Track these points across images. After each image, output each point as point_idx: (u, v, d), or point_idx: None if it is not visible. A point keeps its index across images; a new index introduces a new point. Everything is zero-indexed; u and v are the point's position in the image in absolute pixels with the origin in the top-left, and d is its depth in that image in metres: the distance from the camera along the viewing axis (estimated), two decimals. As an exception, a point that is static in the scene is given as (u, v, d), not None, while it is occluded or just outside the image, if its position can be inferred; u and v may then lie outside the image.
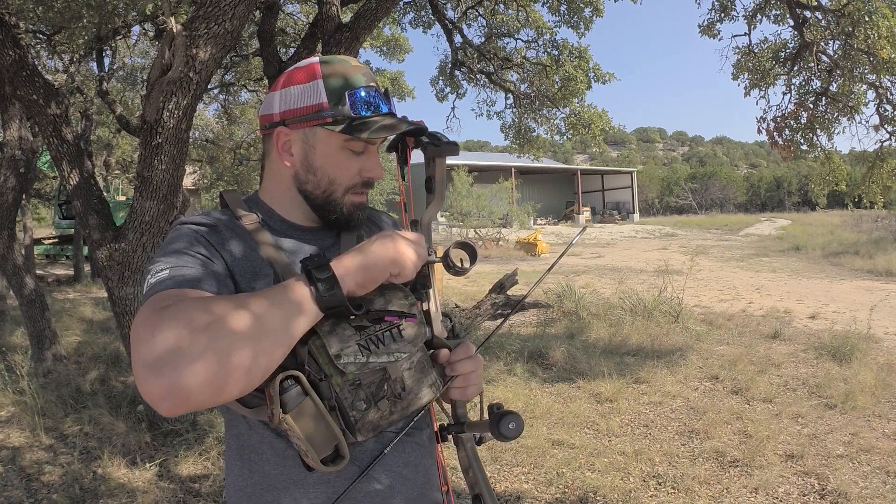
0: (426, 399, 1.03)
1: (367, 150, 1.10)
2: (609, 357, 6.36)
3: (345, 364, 0.94)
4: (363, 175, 1.10)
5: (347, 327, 0.95)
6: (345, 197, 1.10)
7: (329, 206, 1.11)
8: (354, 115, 1.04)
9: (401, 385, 1.00)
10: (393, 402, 0.99)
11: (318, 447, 0.93)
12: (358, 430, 0.97)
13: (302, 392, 0.92)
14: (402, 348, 0.99)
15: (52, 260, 17.40)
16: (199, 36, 3.38)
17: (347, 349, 0.94)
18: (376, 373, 0.98)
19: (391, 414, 0.99)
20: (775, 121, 7.76)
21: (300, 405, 0.91)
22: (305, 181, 1.10)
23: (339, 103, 1.05)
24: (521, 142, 10.39)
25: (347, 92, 1.05)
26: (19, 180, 5.76)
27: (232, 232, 1.06)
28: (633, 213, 44.15)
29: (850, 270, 15.13)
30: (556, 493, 3.54)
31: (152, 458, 3.85)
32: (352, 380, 0.96)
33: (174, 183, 3.83)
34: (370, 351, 0.96)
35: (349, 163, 1.09)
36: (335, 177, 1.09)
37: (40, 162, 12.42)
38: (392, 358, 0.98)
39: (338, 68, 1.07)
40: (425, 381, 1.04)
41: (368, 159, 1.10)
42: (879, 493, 3.51)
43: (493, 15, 9.52)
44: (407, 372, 1.01)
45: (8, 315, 8.43)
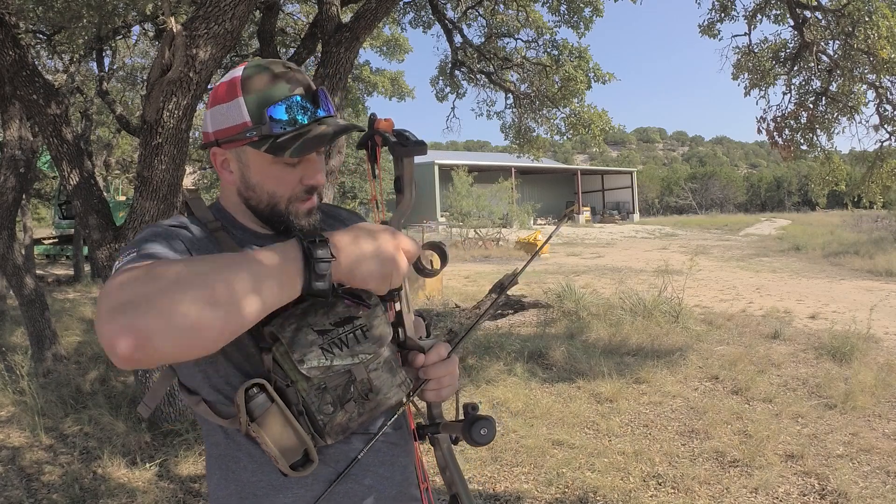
0: (395, 399, 1.03)
1: (305, 158, 1.05)
2: (609, 357, 6.35)
3: (308, 369, 0.93)
4: (304, 183, 1.07)
5: (310, 332, 0.95)
6: (289, 207, 1.08)
7: (276, 218, 1.09)
8: (277, 133, 1.00)
9: (367, 386, 1.00)
10: (360, 404, 0.99)
11: (287, 453, 0.93)
12: (326, 433, 0.97)
13: (268, 399, 0.92)
14: (367, 349, 0.99)
15: (52, 260, 17.40)
16: (199, 36, 3.38)
17: (310, 354, 0.94)
18: (341, 375, 0.98)
19: (359, 416, 1.00)
20: (775, 121, 7.76)
21: (267, 412, 0.91)
22: (248, 197, 1.09)
23: (260, 121, 1.01)
24: (521, 142, 10.39)
25: (266, 109, 1.01)
26: (19, 180, 5.76)
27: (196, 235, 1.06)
28: (633, 213, 44.16)
29: (850, 270, 15.13)
30: (556, 493, 3.54)
31: (152, 458, 3.85)
32: (317, 384, 0.96)
33: (174, 183, 3.83)
34: (333, 354, 0.95)
35: (286, 175, 1.06)
36: (274, 191, 1.07)
37: (40, 162, 12.42)
38: (356, 360, 0.98)
39: (257, 82, 1.02)
40: (393, 381, 1.04)
41: (308, 167, 1.07)
42: (879, 493, 3.51)
43: (493, 15, 9.52)
44: (374, 373, 1.01)
45: (8, 315, 8.43)
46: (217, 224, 1.08)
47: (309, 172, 1.07)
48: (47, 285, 11.98)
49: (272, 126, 1.00)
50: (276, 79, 1.02)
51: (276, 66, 1.04)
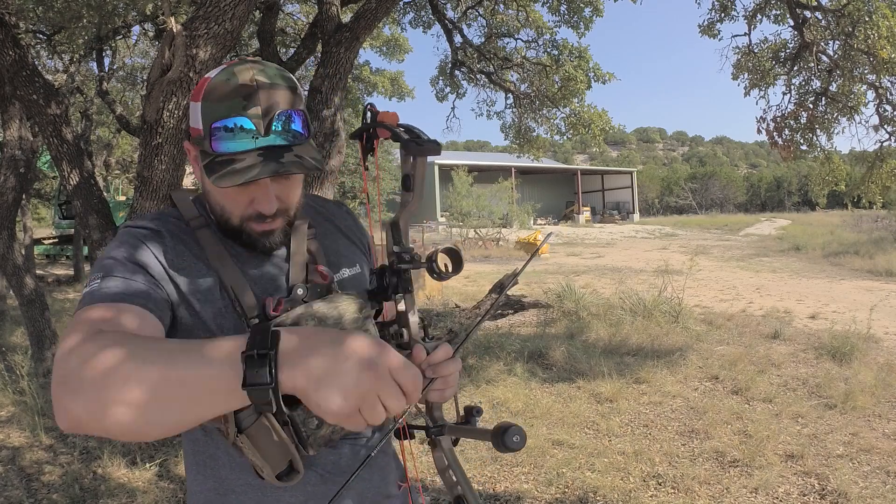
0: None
1: (254, 182, 0.94)
2: (609, 357, 6.35)
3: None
4: (254, 208, 0.99)
5: None
6: (243, 225, 1.01)
7: (231, 232, 1.02)
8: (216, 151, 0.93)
9: None
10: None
11: (273, 463, 0.92)
12: (310, 444, 0.96)
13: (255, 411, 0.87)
14: None
15: (52, 260, 17.40)
16: (199, 36, 3.38)
17: None
18: None
19: (342, 429, 0.98)
20: (775, 121, 7.76)
21: (255, 423, 0.89)
22: (206, 201, 1.05)
23: (206, 135, 0.94)
24: (521, 142, 10.39)
25: (212, 123, 0.93)
26: (19, 180, 5.76)
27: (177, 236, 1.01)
28: (633, 213, 44.15)
29: (850, 270, 15.13)
30: (556, 493, 3.54)
31: (152, 458, 3.85)
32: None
33: (174, 183, 3.83)
34: None
35: (235, 194, 0.98)
36: (224, 205, 1.01)
37: (40, 162, 12.42)
38: None
39: (217, 90, 0.93)
40: None
41: (259, 191, 0.97)
42: (879, 493, 3.51)
43: (493, 15, 9.52)
44: None
45: (8, 315, 8.43)
46: (200, 221, 1.04)
47: (259, 197, 0.98)
48: (47, 285, 11.98)
49: (213, 142, 0.93)
50: (233, 92, 0.92)
51: (244, 75, 0.93)
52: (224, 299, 1.00)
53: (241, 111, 0.91)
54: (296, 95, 0.96)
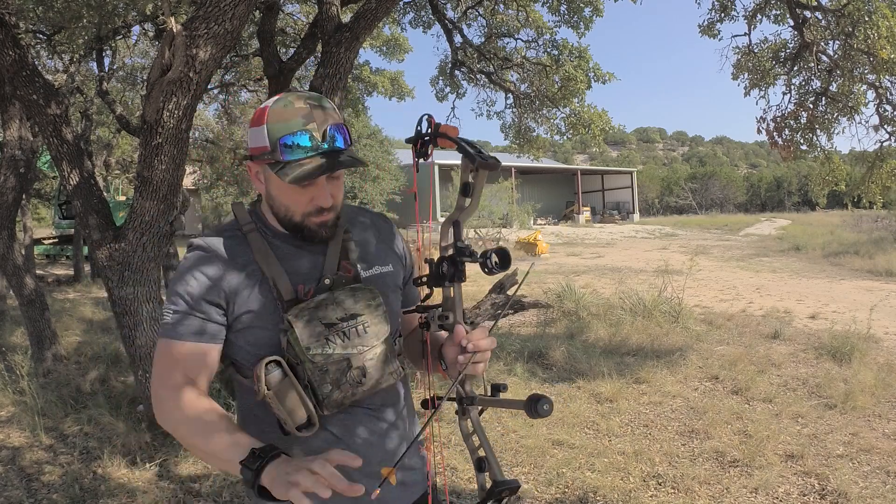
0: (386, 384, 1.25)
1: (316, 182, 1.21)
2: (609, 357, 6.36)
3: (313, 355, 1.17)
4: (314, 204, 1.24)
5: (318, 324, 1.18)
6: (304, 220, 1.25)
7: (292, 227, 1.27)
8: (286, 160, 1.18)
9: (362, 372, 1.21)
10: (354, 386, 1.21)
11: (294, 417, 1.16)
12: (325, 406, 1.19)
13: (283, 373, 1.16)
14: (365, 342, 1.21)
15: (52, 260, 17.40)
16: (199, 36, 3.38)
17: (316, 344, 1.17)
18: (340, 362, 1.19)
19: (353, 395, 1.21)
20: (775, 121, 7.76)
21: (280, 383, 1.15)
22: (271, 205, 1.29)
23: (275, 149, 1.19)
24: (521, 142, 10.38)
25: (279, 138, 1.18)
26: (19, 180, 5.76)
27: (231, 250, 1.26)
28: (633, 213, 44.14)
29: (850, 270, 15.12)
30: (556, 493, 3.54)
31: (152, 458, 3.85)
32: (320, 366, 1.18)
33: (174, 183, 3.83)
34: (336, 344, 1.18)
35: (298, 196, 1.23)
36: (288, 206, 1.25)
37: (40, 162, 12.41)
38: (355, 350, 1.20)
39: (278, 114, 1.19)
40: (386, 369, 1.25)
41: (318, 190, 1.23)
42: (879, 493, 3.51)
43: (493, 15, 9.51)
44: (369, 362, 1.22)
45: (8, 315, 8.43)
46: (251, 226, 1.29)
47: (318, 195, 1.23)
48: (47, 285, 11.98)
49: (282, 153, 1.18)
50: (294, 114, 1.19)
51: (300, 102, 1.20)
52: (265, 287, 1.24)
53: (302, 127, 1.18)
54: (337, 114, 1.23)
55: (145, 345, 4.11)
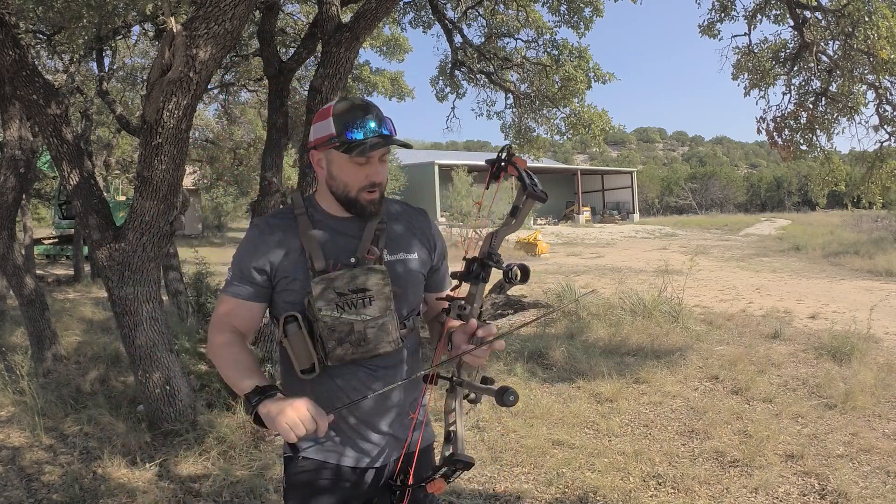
0: (383, 350, 1.52)
1: (370, 161, 1.54)
2: (609, 357, 6.36)
3: (323, 315, 1.48)
4: (369, 179, 1.55)
5: (332, 293, 1.48)
6: (359, 195, 1.56)
7: (348, 202, 1.57)
8: (350, 140, 1.50)
9: (362, 336, 1.50)
10: (354, 347, 1.50)
11: (301, 362, 1.50)
12: (330, 358, 1.50)
13: (298, 326, 1.49)
14: (368, 313, 1.50)
15: (52, 260, 17.39)
16: (199, 36, 3.38)
17: (327, 307, 1.48)
18: (345, 325, 1.49)
19: (353, 354, 1.50)
20: (775, 121, 7.76)
21: (294, 334, 1.50)
22: (331, 185, 1.59)
23: (340, 133, 1.52)
24: (521, 142, 10.37)
25: (346, 124, 1.51)
26: (19, 180, 5.76)
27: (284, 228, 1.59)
28: (633, 213, 44.13)
29: (850, 270, 15.13)
30: (556, 493, 3.54)
31: (152, 458, 3.85)
32: (329, 326, 1.48)
33: (174, 183, 3.83)
34: (343, 310, 1.48)
35: (357, 172, 1.54)
36: (348, 181, 1.55)
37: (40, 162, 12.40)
38: (359, 317, 1.49)
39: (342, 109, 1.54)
40: (385, 337, 1.52)
41: (371, 167, 1.55)
42: (879, 493, 3.51)
43: (493, 15, 9.51)
44: (370, 329, 1.50)
45: (8, 315, 8.43)
46: (302, 210, 1.60)
47: (372, 171, 1.55)
48: (47, 285, 11.98)
49: (348, 135, 1.51)
50: (354, 108, 1.54)
51: (358, 101, 1.57)
52: (302, 259, 1.55)
53: (364, 117, 1.52)
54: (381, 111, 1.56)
55: (145, 345, 4.12)
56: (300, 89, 11.35)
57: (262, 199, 7.02)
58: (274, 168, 6.98)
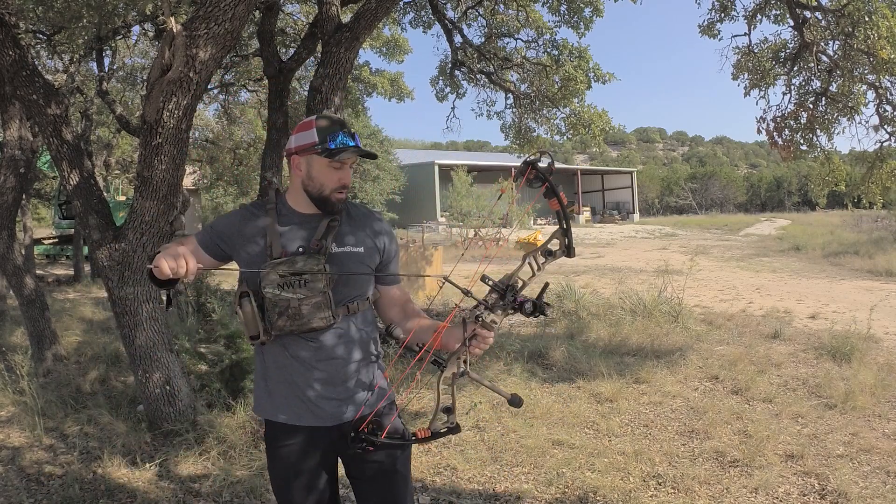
0: (316, 325, 1.78)
1: (343, 168, 1.85)
2: (609, 357, 6.36)
3: (266, 293, 1.77)
4: (341, 182, 1.85)
5: (275, 274, 1.76)
6: (332, 194, 1.85)
7: (321, 200, 1.86)
8: (332, 148, 1.81)
9: (297, 312, 1.76)
10: (291, 320, 1.77)
11: (250, 329, 1.79)
12: (273, 328, 1.79)
13: (249, 302, 1.77)
14: (302, 293, 1.76)
15: (52, 260, 17.39)
16: (199, 36, 3.38)
17: (271, 286, 1.76)
18: (284, 301, 1.76)
19: (290, 326, 1.77)
20: (775, 121, 7.75)
21: (245, 307, 1.78)
22: (307, 185, 1.87)
23: (322, 142, 1.82)
24: (521, 142, 10.37)
25: (327, 135, 1.82)
26: (19, 180, 5.76)
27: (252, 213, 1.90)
28: (633, 213, 44.13)
29: (850, 270, 15.13)
30: (556, 493, 3.54)
31: (152, 458, 3.85)
32: (272, 301, 1.77)
33: (174, 183, 3.83)
34: (283, 289, 1.76)
35: (331, 175, 1.85)
36: (324, 182, 1.85)
37: (40, 162, 12.40)
38: (294, 296, 1.76)
39: (325, 123, 1.85)
40: (318, 314, 1.78)
41: (343, 172, 1.86)
42: (879, 493, 3.51)
43: (493, 15, 9.51)
44: (304, 306, 1.77)
45: (8, 315, 8.43)
46: (272, 205, 1.89)
47: (344, 175, 1.86)
48: (47, 285, 11.98)
49: (329, 143, 1.81)
50: (335, 123, 1.85)
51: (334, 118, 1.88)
52: (262, 246, 1.83)
53: (340, 130, 1.84)
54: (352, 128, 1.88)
55: (145, 344, 4.12)
56: (300, 89, 11.35)
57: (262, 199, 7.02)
58: (274, 168, 6.98)
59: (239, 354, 4.49)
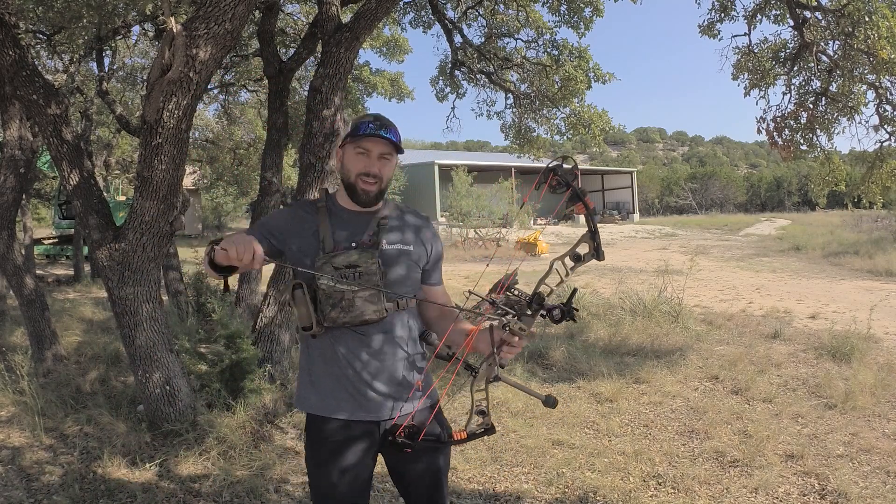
0: (368, 317, 1.83)
1: (370, 155, 1.91)
2: (609, 357, 6.36)
3: (321, 284, 1.82)
4: (365, 168, 1.91)
5: (330, 267, 1.82)
6: (357, 180, 1.92)
7: (350, 187, 1.94)
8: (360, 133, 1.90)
9: (350, 304, 1.81)
10: (344, 312, 1.81)
11: (302, 320, 1.83)
12: (325, 318, 1.83)
13: (302, 293, 1.82)
14: (355, 286, 1.81)
15: (52, 260, 17.38)
16: (199, 36, 3.38)
17: (324, 278, 1.81)
18: (338, 293, 1.81)
19: (343, 318, 1.82)
20: (775, 121, 7.76)
21: (299, 298, 1.83)
22: (342, 175, 1.97)
23: (353, 131, 1.93)
24: (521, 142, 10.38)
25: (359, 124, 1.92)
26: (19, 180, 5.76)
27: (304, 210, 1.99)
28: (633, 213, 44.12)
29: (850, 270, 15.12)
30: (556, 493, 3.54)
31: (152, 458, 3.85)
32: (326, 293, 1.82)
33: (174, 183, 3.83)
34: (337, 282, 1.80)
35: (357, 160, 1.92)
36: (350, 168, 1.93)
37: (40, 162, 12.40)
38: (348, 288, 1.81)
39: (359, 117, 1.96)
40: (371, 307, 1.82)
41: (369, 160, 1.92)
42: (879, 493, 3.51)
43: (493, 15, 9.51)
44: (357, 298, 1.81)
45: (8, 315, 8.43)
46: (323, 203, 1.98)
47: (370, 163, 1.92)
48: (47, 285, 11.98)
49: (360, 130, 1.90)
50: (366, 116, 1.94)
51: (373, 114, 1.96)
52: (316, 242, 1.90)
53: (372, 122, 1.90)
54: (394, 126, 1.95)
55: (145, 345, 4.11)
56: (300, 89, 11.35)
57: (262, 199, 7.02)
58: (274, 168, 6.98)
59: (239, 354, 4.49)
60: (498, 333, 1.79)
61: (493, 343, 1.80)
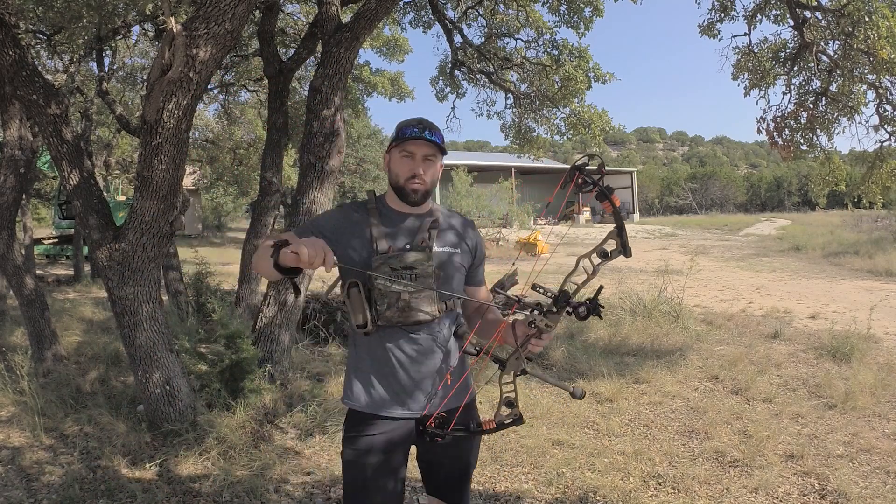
0: (422, 318, 1.88)
1: (415, 158, 1.95)
2: (609, 357, 6.36)
3: (377, 283, 1.85)
4: (411, 171, 1.94)
5: (387, 268, 1.85)
6: (406, 183, 1.95)
7: (398, 189, 1.97)
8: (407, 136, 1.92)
9: (406, 304, 1.86)
10: (399, 311, 1.86)
11: (357, 318, 1.85)
12: (380, 317, 1.86)
13: (358, 291, 1.84)
14: (412, 286, 1.86)
15: (52, 260, 17.38)
16: (199, 36, 3.38)
17: (381, 278, 1.84)
18: (394, 293, 1.85)
19: (398, 317, 1.86)
20: (775, 121, 7.76)
21: (354, 296, 1.84)
22: (390, 178, 1.99)
23: (399, 134, 1.94)
24: (521, 142, 10.38)
25: (403, 128, 1.94)
26: (19, 180, 5.76)
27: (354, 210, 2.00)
28: (633, 213, 44.10)
29: (850, 270, 15.12)
30: (556, 493, 3.54)
31: (152, 458, 3.85)
32: (382, 292, 1.85)
33: (174, 183, 3.83)
34: (393, 282, 1.84)
35: (403, 164, 1.95)
36: (398, 172, 1.96)
37: (40, 162, 12.40)
38: (404, 288, 1.85)
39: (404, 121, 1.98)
40: (426, 307, 1.88)
41: (414, 162, 1.95)
42: (879, 493, 3.51)
43: (493, 15, 9.51)
44: (413, 299, 1.86)
45: (8, 315, 8.43)
46: (373, 205, 2.00)
47: (415, 165, 1.94)
48: (47, 285, 11.97)
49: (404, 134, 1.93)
50: (411, 120, 1.97)
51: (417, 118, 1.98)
52: (367, 242, 1.93)
53: (416, 126, 1.94)
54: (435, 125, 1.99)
55: (145, 345, 4.11)
56: (300, 89, 11.35)
57: (262, 199, 7.03)
58: (274, 168, 6.99)
59: (239, 354, 4.49)
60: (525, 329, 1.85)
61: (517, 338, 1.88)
